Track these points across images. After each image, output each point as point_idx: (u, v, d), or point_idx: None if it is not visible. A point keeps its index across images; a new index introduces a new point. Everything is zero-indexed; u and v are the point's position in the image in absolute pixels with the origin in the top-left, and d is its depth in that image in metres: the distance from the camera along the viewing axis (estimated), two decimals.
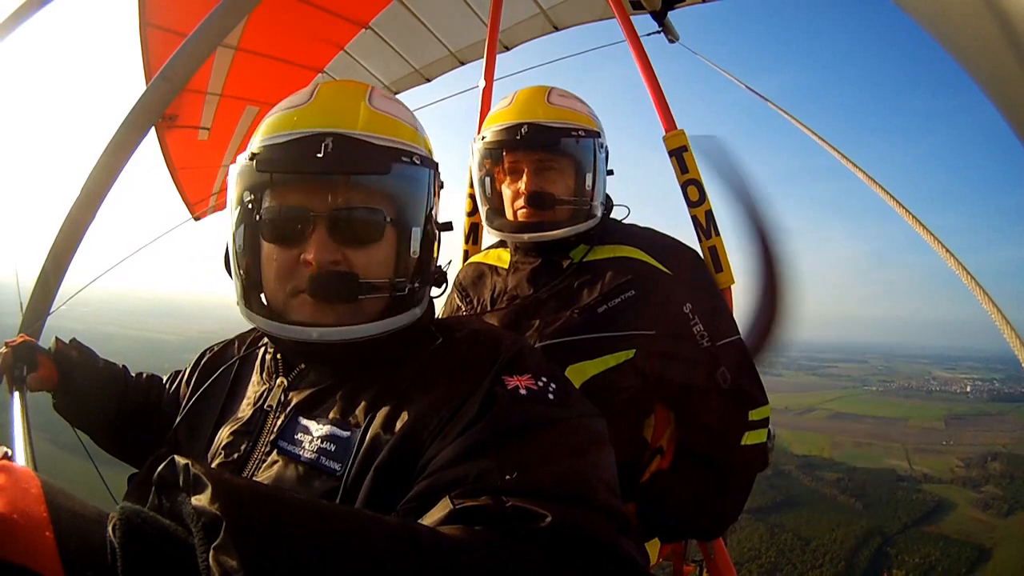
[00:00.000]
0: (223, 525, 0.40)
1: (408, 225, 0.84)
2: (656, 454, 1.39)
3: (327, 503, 0.68)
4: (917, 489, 48.65)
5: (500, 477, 0.60)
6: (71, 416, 1.24)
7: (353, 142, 0.78)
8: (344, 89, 0.88)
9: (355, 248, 0.80)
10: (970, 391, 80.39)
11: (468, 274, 1.57)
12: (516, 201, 1.37)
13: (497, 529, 0.54)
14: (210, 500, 0.42)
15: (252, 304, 0.85)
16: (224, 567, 0.39)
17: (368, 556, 0.45)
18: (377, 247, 0.81)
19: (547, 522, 0.54)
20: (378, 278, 0.81)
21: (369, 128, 0.80)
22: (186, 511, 0.43)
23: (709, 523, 1.36)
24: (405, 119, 0.87)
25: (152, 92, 1.68)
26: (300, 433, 0.79)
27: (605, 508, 0.61)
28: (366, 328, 0.79)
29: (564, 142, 1.35)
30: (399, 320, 0.82)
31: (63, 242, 1.67)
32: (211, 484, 0.43)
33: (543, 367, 0.79)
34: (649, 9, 2.45)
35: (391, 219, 0.82)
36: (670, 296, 1.30)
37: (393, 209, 0.82)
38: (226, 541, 0.40)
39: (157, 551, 0.43)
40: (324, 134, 0.77)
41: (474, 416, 0.69)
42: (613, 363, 1.26)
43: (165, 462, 0.46)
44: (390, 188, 0.82)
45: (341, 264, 0.79)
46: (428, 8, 2.90)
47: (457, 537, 0.53)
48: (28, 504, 0.42)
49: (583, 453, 0.68)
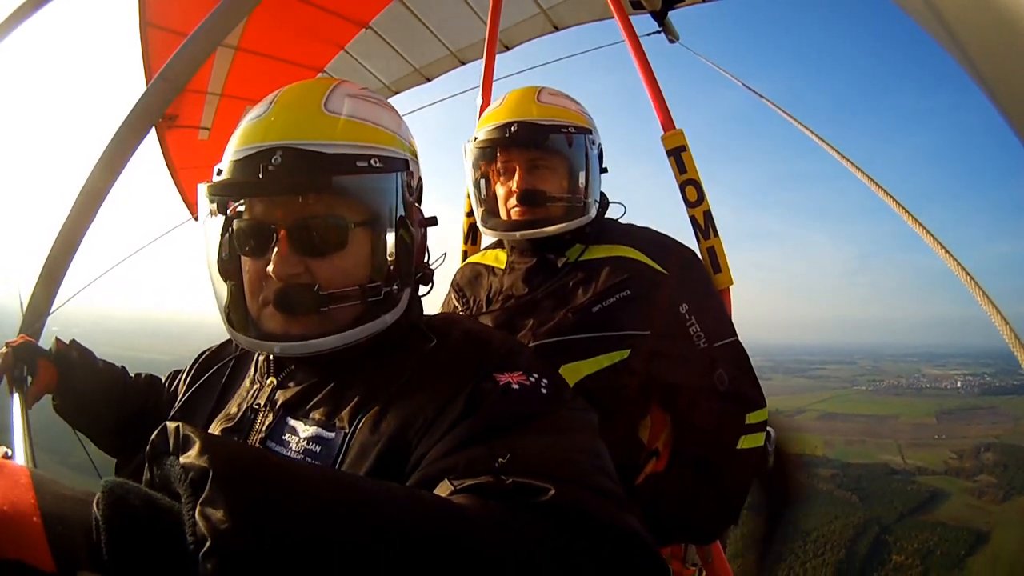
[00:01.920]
0: (209, 477, 0.39)
1: (374, 228, 0.83)
2: (652, 456, 1.38)
3: (319, 466, 0.67)
4: (912, 481, 49.68)
5: (493, 461, 0.59)
6: (71, 417, 1.25)
7: (302, 154, 0.77)
8: (301, 95, 0.85)
9: (318, 258, 0.79)
10: (960, 386, 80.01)
11: (465, 274, 1.57)
12: (509, 200, 1.38)
13: (500, 500, 0.54)
14: (198, 453, 0.41)
15: (230, 316, 0.86)
16: (210, 520, 0.38)
17: (363, 507, 0.44)
18: (343, 255, 0.80)
19: (550, 495, 0.54)
20: (345, 286, 0.80)
21: (322, 136, 0.79)
22: (175, 472, 0.42)
23: (704, 527, 1.35)
24: (367, 117, 0.84)
25: (152, 92, 1.68)
26: (288, 434, 0.79)
27: (603, 489, 0.60)
28: (328, 341, 0.79)
29: (554, 139, 1.35)
30: (368, 328, 0.81)
31: (63, 242, 1.67)
32: (199, 440, 0.42)
33: (535, 364, 0.79)
34: (649, 9, 2.45)
35: (356, 224, 0.81)
36: (666, 296, 1.29)
37: (356, 213, 0.81)
38: (212, 493, 0.39)
39: (143, 522, 0.41)
40: (274, 148, 0.77)
41: (463, 411, 0.69)
42: (607, 363, 1.25)
43: (157, 430, 0.45)
44: (350, 194, 0.81)
45: (303, 276, 0.79)
46: (428, 8, 2.90)
47: (462, 504, 0.52)
48: (17, 493, 0.42)
49: (577, 441, 0.68)
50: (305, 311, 0.79)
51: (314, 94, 0.84)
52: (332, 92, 0.85)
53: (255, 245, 0.80)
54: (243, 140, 0.81)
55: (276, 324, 0.81)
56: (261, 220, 0.80)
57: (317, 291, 0.78)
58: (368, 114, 0.85)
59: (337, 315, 0.80)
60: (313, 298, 0.78)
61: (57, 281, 1.66)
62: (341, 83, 0.89)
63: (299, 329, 0.79)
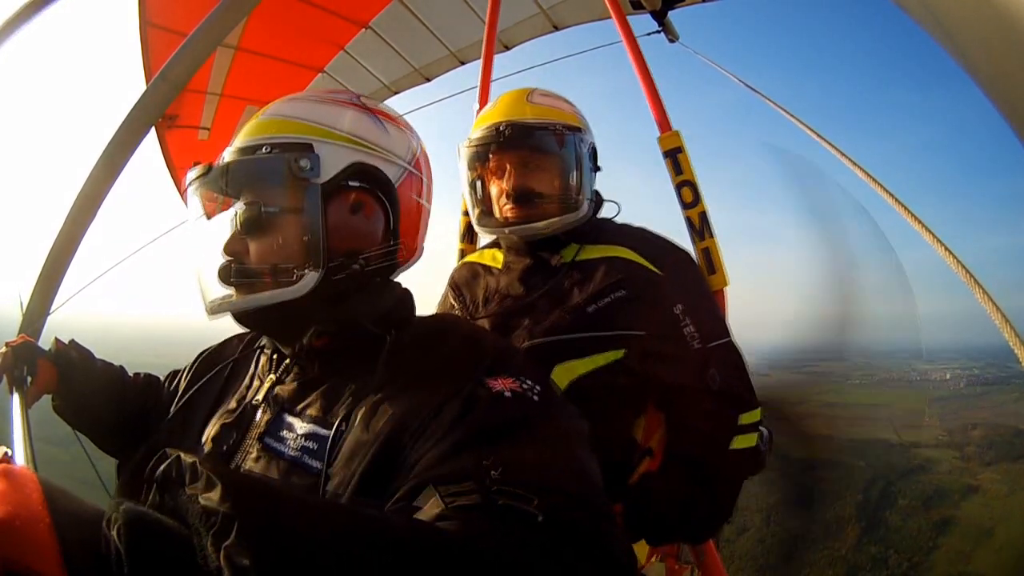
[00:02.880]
0: (235, 524, 0.41)
1: (274, 213, 0.88)
2: (646, 455, 1.39)
3: (333, 501, 0.69)
4: (907, 452, 58.48)
5: (485, 474, 0.61)
6: (70, 417, 1.25)
7: (236, 152, 0.88)
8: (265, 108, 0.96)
9: (248, 239, 0.88)
10: (950, 379, 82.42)
11: (462, 273, 1.58)
12: (502, 199, 1.40)
13: (492, 524, 0.56)
14: (220, 499, 0.42)
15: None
16: (237, 566, 0.40)
17: (377, 553, 0.46)
18: (263, 237, 0.88)
19: (538, 516, 0.56)
20: (262, 264, 0.88)
21: (249, 135, 0.91)
22: (193, 510, 0.43)
23: (698, 526, 1.36)
24: (287, 114, 0.92)
25: (152, 92, 1.68)
26: (285, 430, 0.82)
27: (590, 504, 0.62)
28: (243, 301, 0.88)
29: (544, 139, 1.37)
30: (278, 295, 0.86)
31: (63, 242, 1.67)
32: (221, 482, 0.43)
33: (526, 369, 0.81)
34: (649, 9, 2.45)
35: (267, 211, 0.87)
36: (661, 297, 1.30)
37: (263, 201, 0.87)
38: (238, 540, 0.40)
39: (161, 552, 0.43)
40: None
41: (456, 417, 0.71)
42: (602, 363, 1.26)
43: (169, 459, 0.47)
44: (254, 184, 0.89)
45: (241, 254, 0.88)
46: (428, 8, 2.90)
47: (461, 533, 0.54)
48: (30, 508, 0.43)
49: (566, 451, 0.70)
50: (225, 282, 0.89)
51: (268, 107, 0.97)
52: (277, 102, 0.96)
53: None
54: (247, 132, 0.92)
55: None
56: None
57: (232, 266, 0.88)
58: (288, 110, 0.94)
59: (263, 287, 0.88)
60: (229, 271, 0.88)
61: (57, 281, 1.67)
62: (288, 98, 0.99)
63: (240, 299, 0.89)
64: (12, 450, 1.14)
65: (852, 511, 44.05)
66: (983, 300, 0.82)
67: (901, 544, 40.92)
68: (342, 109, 0.94)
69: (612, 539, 0.60)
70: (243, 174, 0.89)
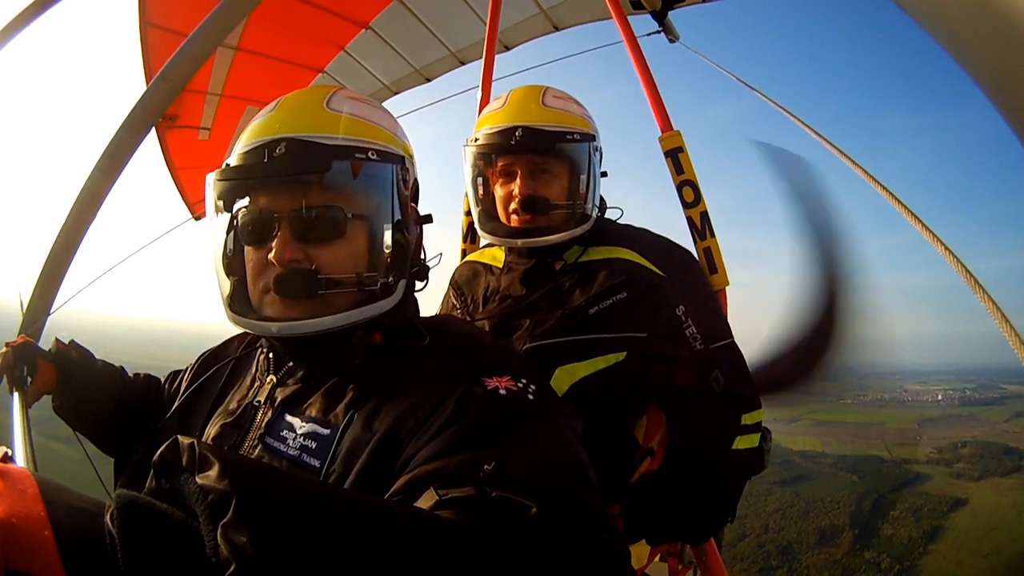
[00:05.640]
0: (232, 502, 0.41)
1: (372, 220, 0.86)
2: (647, 455, 1.39)
3: (329, 484, 0.69)
4: (899, 467, 61.66)
5: (480, 469, 0.61)
6: (70, 417, 1.25)
7: (304, 144, 0.81)
8: (304, 97, 0.90)
9: (318, 246, 0.82)
10: (941, 399, 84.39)
11: (463, 273, 1.57)
12: (509, 204, 1.36)
13: (486, 517, 0.56)
14: (218, 477, 0.42)
15: (232, 303, 0.88)
16: (234, 543, 0.39)
17: (372, 530, 0.47)
18: (341, 243, 0.83)
19: (532, 513, 0.56)
20: (342, 273, 0.83)
21: (325, 129, 0.84)
22: (190, 490, 0.43)
23: (699, 526, 1.36)
24: (364, 116, 0.89)
25: (152, 92, 1.68)
26: (285, 430, 0.82)
27: (585, 503, 0.63)
28: (327, 320, 0.81)
29: (559, 146, 1.33)
30: (361, 312, 0.84)
31: (64, 242, 1.67)
32: (218, 462, 0.43)
33: (523, 369, 0.81)
34: (649, 9, 2.45)
35: (352, 216, 0.84)
36: (663, 298, 1.29)
37: (354, 206, 0.84)
38: (236, 518, 0.40)
39: (157, 536, 0.43)
40: (279, 140, 0.82)
41: (452, 415, 0.71)
42: (603, 365, 1.25)
43: (167, 443, 0.47)
44: (347, 186, 0.84)
45: (303, 262, 0.81)
46: (428, 8, 2.90)
47: (454, 521, 0.54)
48: (26, 505, 0.43)
49: (561, 449, 0.71)
50: (301, 294, 0.81)
51: (317, 96, 0.90)
52: (333, 95, 0.90)
53: (258, 234, 0.83)
54: (250, 136, 0.86)
55: (276, 309, 0.83)
56: (264, 209, 0.83)
57: (315, 274, 0.81)
58: (367, 114, 0.90)
59: (334, 301, 0.83)
60: (311, 281, 0.81)
61: (57, 281, 1.67)
62: (340, 89, 0.93)
63: (298, 313, 0.82)
64: (12, 450, 1.14)
65: (846, 520, 47.16)
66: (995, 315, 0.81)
67: (893, 550, 43.95)
68: (393, 120, 0.96)
69: (604, 534, 0.61)
70: (343, 175, 0.83)
